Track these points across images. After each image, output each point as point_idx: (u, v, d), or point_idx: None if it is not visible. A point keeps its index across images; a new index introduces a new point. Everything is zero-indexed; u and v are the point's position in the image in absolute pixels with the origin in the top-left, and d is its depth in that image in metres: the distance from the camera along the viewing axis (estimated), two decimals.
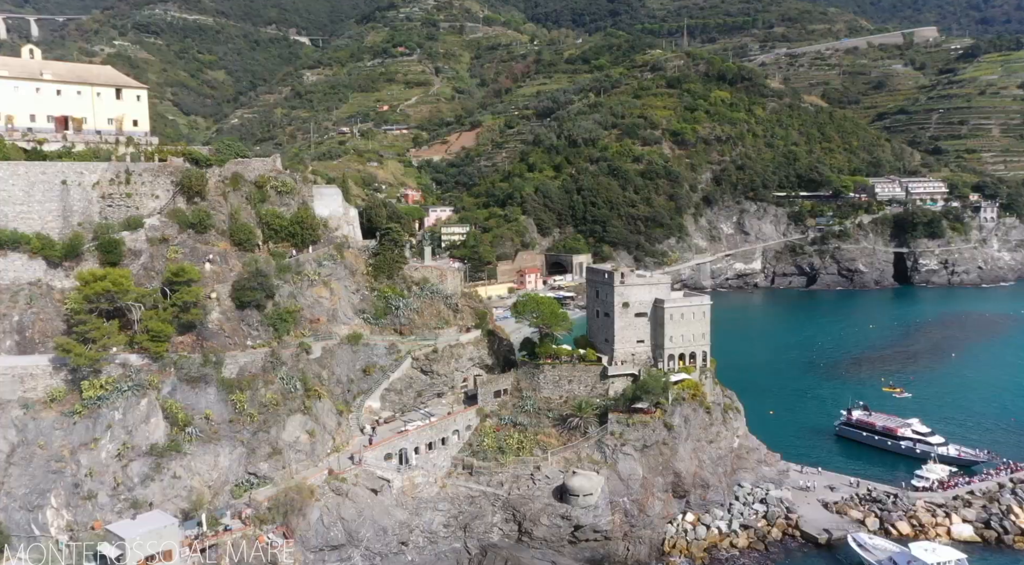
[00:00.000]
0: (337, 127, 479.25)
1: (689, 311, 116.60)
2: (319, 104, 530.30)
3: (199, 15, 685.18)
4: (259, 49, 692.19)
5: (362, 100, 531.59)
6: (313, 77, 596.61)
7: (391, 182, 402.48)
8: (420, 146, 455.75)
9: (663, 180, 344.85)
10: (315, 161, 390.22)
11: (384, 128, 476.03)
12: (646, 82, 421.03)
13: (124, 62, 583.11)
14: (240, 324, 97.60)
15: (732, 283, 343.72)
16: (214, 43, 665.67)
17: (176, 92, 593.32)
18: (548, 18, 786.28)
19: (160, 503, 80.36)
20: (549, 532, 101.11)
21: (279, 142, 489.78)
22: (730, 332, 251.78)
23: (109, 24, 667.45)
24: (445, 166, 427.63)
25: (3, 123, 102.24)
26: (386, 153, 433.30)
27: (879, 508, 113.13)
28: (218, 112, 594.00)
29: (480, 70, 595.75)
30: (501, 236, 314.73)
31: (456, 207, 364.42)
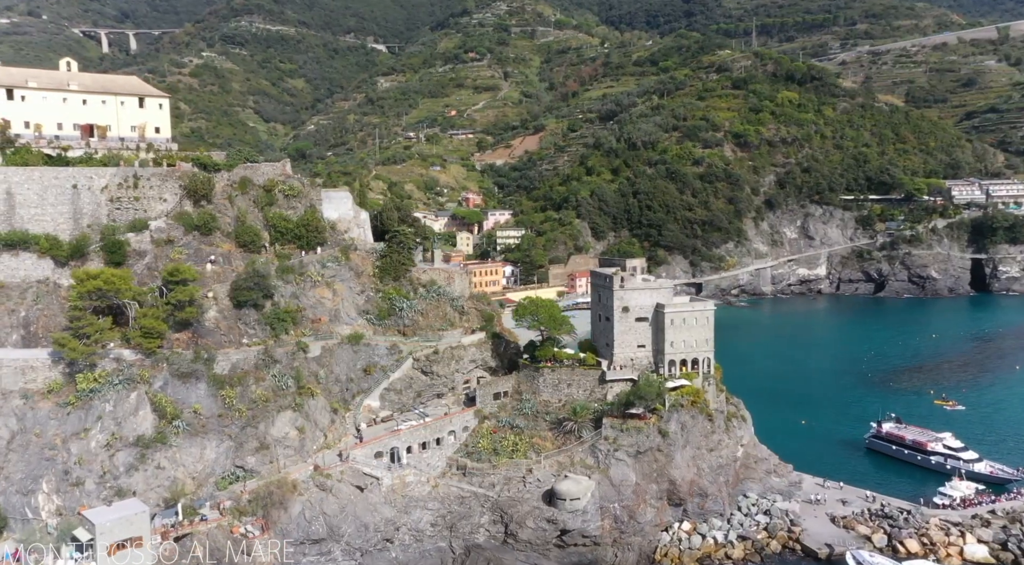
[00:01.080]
0: (405, 132, 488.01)
1: (691, 317, 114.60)
2: (390, 110, 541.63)
3: (282, 26, 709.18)
4: (337, 57, 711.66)
5: (431, 105, 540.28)
6: (386, 83, 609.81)
7: (453, 186, 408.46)
8: (484, 150, 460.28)
9: (723, 183, 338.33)
10: (379, 166, 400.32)
11: (450, 133, 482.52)
12: (711, 83, 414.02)
13: (211, 72, 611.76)
14: (237, 323, 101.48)
15: (795, 289, 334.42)
16: (295, 52, 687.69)
17: (257, 100, 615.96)
18: (622, 20, 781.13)
19: (143, 492, 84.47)
20: (534, 535, 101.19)
21: (350, 147, 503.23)
22: (781, 339, 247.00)
23: (199, 37, 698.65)
24: (507, 170, 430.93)
25: (32, 131, 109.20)
26: (450, 157, 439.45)
27: (889, 524, 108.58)
28: (296, 119, 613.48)
29: (549, 74, 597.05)
30: (554, 240, 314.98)
31: (515, 210, 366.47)
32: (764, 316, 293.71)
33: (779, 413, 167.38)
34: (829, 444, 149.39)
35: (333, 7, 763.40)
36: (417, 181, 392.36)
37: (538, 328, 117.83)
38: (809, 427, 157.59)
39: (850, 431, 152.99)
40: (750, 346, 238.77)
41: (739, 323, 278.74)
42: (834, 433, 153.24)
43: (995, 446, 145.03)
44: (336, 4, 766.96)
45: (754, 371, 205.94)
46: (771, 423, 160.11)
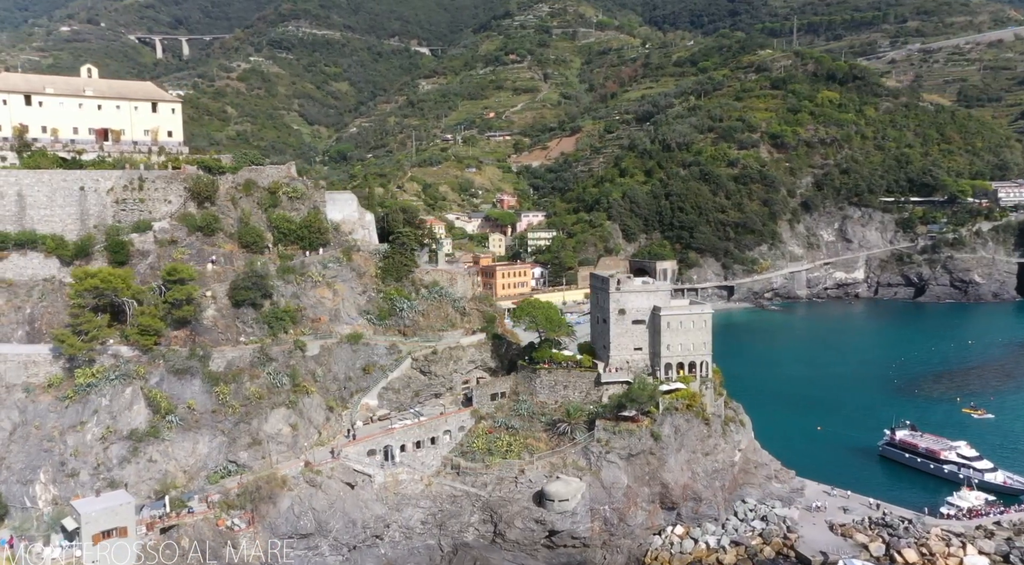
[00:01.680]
0: (443, 134, 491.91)
1: (688, 320, 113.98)
2: (429, 112, 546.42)
3: (328, 30, 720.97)
4: (381, 60, 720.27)
5: (470, 107, 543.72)
6: (427, 86, 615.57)
7: (488, 187, 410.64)
8: (521, 152, 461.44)
9: (757, 185, 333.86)
10: (415, 167, 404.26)
11: (487, 134, 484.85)
12: (749, 84, 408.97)
13: (257, 76, 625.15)
14: (235, 321, 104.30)
15: (831, 293, 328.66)
16: (340, 56, 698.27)
17: (302, 103, 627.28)
18: (666, 20, 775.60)
19: (134, 484, 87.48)
20: (522, 535, 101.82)
21: (390, 149, 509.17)
22: (810, 344, 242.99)
23: (248, 42, 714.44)
24: (543, 172, 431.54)
25: (49, 136, 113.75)
26: (486, 159, 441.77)
27: (889, 533, 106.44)
28: (339, 121, 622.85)
29: (589, 75, 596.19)
30: (583, 241, 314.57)
31: (548, 212, 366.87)
32: (796, 320, 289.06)
33: (796, 418, 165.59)
34: (843, 451, 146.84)
35: (378, 11, 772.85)
36: (452, 183, 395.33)
37: (535, 329, 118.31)
38: (825, 433, 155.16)
39: (865, 438, 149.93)
40: (778, 350, 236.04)
41: (770, 327, 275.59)
42: (849, 440, 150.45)
43: (1021, 456, 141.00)
44: (381, 8, 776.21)
45: (778, 375, 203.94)
46: (786, 428, 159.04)
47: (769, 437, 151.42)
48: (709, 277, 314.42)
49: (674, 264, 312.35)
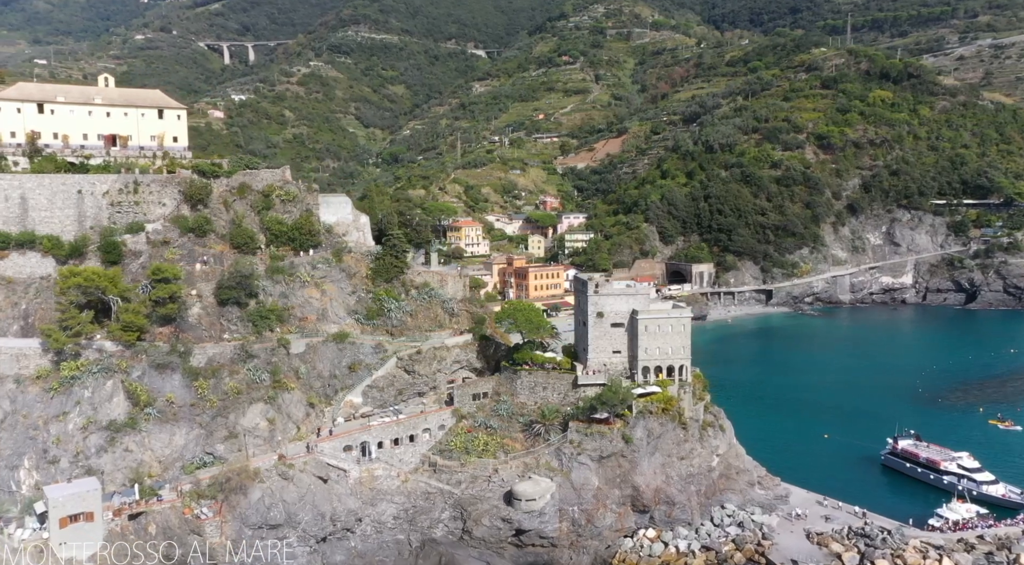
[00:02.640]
0: (492, 136, 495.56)
1: (666, 323, 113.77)
2: (480, 114, 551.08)
3: (386, 34, 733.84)
4: (438, 63, 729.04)
5: (521, 109, 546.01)
6: (481, 88, 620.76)
7: (531, 189, 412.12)
8: (567, 153, 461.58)
9: (800, 187, 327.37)
10: (458, 169, 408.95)
11: (535, 136, 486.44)
12: (798, 84, 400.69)
13: (316, 81, 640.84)
14: (219, 319, 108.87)
15: (876, 298, 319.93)
16: (397, 59, 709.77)
17: (359, 106, 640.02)
18: (724, 19, 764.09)
19: (110, 472, 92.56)
20: (488, 533, 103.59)
21: (440, 152, 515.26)
22: (842, 350, 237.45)
23: (309, 47, 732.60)
24: (588, 173, 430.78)
25: (60, 142, 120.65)
26: (532, 161, 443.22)
27: (866, 543, 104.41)
28: (394, 124, 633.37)
29: (642, 76, 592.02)
30: (619, 244, 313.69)
31: (589, 214, 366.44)
32: (835, 326, 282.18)
33: (805, 425, 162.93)
34: (846, 459, 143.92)
35: (436, 15, 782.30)
36: (495, 184, 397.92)
37: (516, 331, 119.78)
38: (831, 441, 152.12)
39: (872, 447, 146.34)
40: (807, 356, 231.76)
41: (806, 332, 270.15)
42: (854, 448, 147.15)
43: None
44: (438, 12, 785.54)
45: (800, 382, 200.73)
46: (792, 435, 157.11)
47: (772, 443, 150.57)
48: (747, 280, 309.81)
49: (711, 267, 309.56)
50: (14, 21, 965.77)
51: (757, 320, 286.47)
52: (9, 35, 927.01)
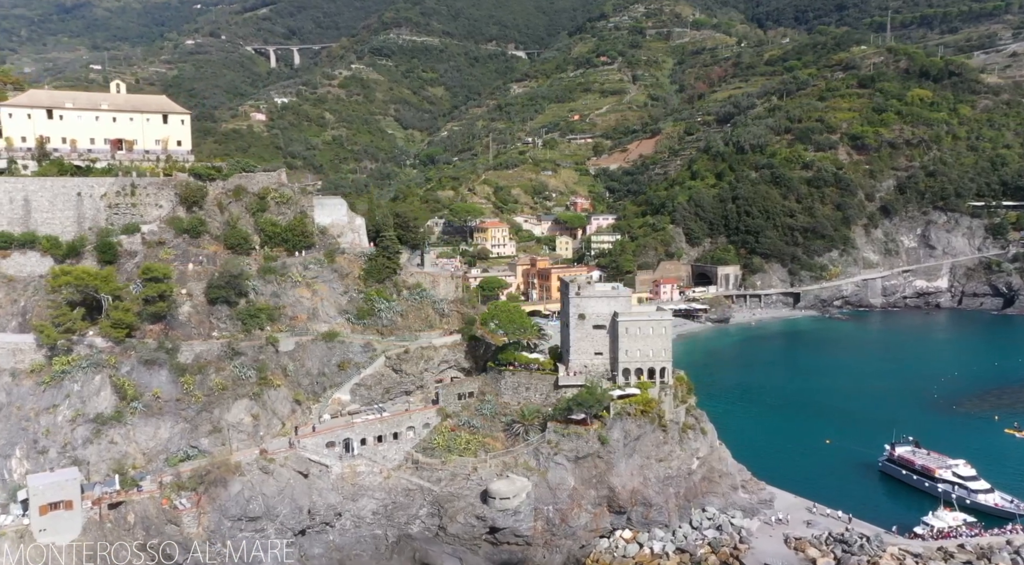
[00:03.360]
0: (525, 137, 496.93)
1: (648, 326, 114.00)
2: (516, 115, 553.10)
3: (427, 37, 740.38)
4: (478, 65, 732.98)
5: (557, 110, 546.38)
6: (519, 89, 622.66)
7: (562, 190, 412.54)
8: (600, 154, 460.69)
9: (832, 188, 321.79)
10: (489, 171, 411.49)
11: (569, 137, 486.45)
12: (835, 83, 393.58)
13: (357, 83, 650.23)
14: (209, 317, 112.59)
15: (910, 302, 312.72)
16: (437, 61, 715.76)
17: (398, 108, 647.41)
18: (769, 17, 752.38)
19: (95, 463, 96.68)
20: (462, 529, 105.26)
21: (475, 153, 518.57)
22: (865, 354, 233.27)
23: (352, 50, 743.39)
24: (620, 174, 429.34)
25: (68, 146, 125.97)
26: (564, 162, 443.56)
27: (843, 549, 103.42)
28: (433, 125, 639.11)
29: (680, 76, 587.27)
30: (644, 245, 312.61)
31: (619, 215, 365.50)
32: (863, 330, 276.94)
33: (810, 430, 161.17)
34: (845, 465, 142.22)
35: (477, 17, 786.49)
36: (526, 185, 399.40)
37: (499, 331, 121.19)
38: (833, 446, 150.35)
39: (873, 453, 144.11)
40: (827, 359, 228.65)
41: (832, 336, 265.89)
42: (855, 455, 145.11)
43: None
44: (480, 14, 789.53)
45: (812, 385, 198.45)
46: (795, 440, 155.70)
47: (772, 447, 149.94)
48: (774, 283, 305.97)
49: (737, 269, 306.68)
50: (75, 28, 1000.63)
51: (783, 323, 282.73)
52: (70, 41, 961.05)
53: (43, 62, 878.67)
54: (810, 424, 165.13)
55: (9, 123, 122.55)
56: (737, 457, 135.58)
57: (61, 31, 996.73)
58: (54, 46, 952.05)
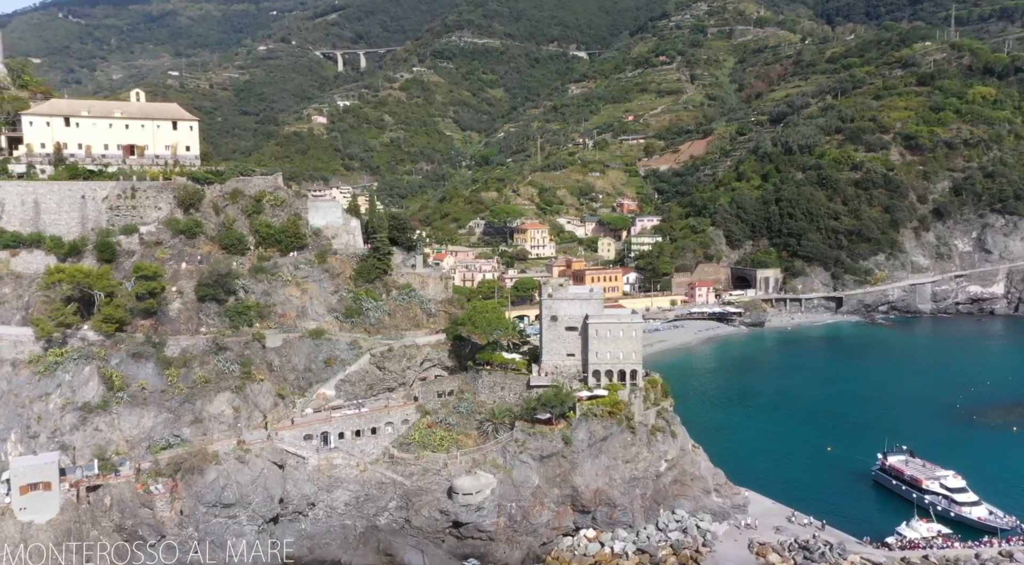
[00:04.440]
0: (577, 138, 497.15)
1: (617, 329, 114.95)
2: (570, 117, 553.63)
3: (488, 39, 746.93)
4: (538, 66, 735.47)
5: (613, 110, 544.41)
6: (576, 90, 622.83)
7: (609, 191, 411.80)
8: (651, 155, 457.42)
9: (880, 190, 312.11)
10: (536, 172, 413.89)
11: (620, 138, 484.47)
12: (892, 81, 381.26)
13: (417, 86, 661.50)
14: (198, 314, 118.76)
15: (962, 308, 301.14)
16: (497, 63, 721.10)
17: (457, 110, 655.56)
18: (839, 12, 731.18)
19: (80, 448, 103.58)
20: (426, 523, 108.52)
21: (529, 154, 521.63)
22: (900, 360, 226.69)
23: (414, 53, 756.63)
24: (670, 175, 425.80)
25: (83, 152, 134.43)
26: (613, 163, 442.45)
27: (804, 556, 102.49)
28: (490, 127, 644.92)
29: (741, 75, 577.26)
30: (682, 247, 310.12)
31: (664, 217, 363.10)
32: (904, 336, 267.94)
33: (813, 436, 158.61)
34: (841, 473, 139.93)
35: (539, 18, 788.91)
36: (572, 187, 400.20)
37: (474, 332, 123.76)
38: (833, 454, 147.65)
39: (870, 462, 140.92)
40: (853, 366, 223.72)
41: (872, 342, 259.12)
42: (854, 463, 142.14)
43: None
44: (542, 15, 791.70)
45: (832, 392, 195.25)
46: (795, 446, 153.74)
47: (770, 453, 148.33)
48: (816, 287, 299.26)
49: (777, 273, 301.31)
50: (160, 36, 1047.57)
51: (822, 328, 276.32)
52: (155, 49, 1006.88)
53: (129, 69, 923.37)
54: (816, 431, 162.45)
55: (30, 130, 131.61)
56: (733, 461, 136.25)
57: (147, 39, 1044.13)
58: (140, 54, 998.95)
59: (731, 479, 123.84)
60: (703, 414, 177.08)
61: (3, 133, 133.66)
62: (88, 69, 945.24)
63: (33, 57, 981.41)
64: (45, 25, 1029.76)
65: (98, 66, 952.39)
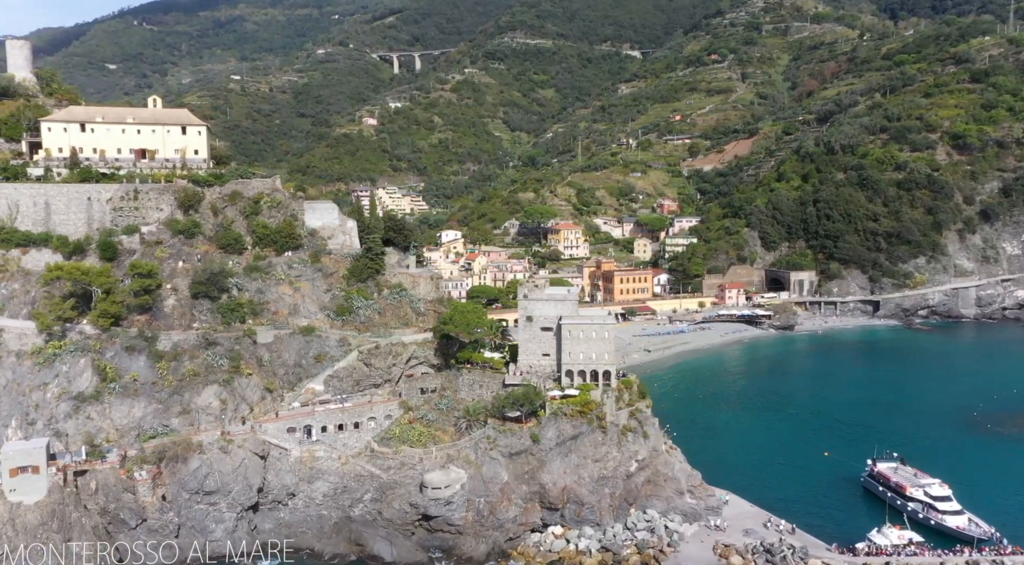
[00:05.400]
0: (622, 139, 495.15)
1: (590, 330, 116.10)
2: (617, 117, 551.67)
3: (541, 39, 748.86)
4: (591, 66, 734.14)
5: (660, 110, 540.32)
6: (626, 90, 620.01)
7: (650, 192, 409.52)
8: (695, 155, 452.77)
9: (924, 191, 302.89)
10: (575, 173, 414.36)
11: (665, 138, 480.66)
12: (944, 78, 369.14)
13: (468, 87, 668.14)
14: (191, 310, 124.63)
15: (1009, 313, 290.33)
16: (549, 63, 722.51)
17: (507, 111, 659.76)
18: (903, 6, 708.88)
19: (72, 435, 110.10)
20: (396, 515, 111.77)
21: (574, 154, 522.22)
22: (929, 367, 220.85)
23: (467, 54, 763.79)
24: (713, 176, 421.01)
25: (97, 156, 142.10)
26: (656, 163, 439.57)
27: (767, 560, 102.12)
28: (540, 127, 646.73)
29: (795, 73, 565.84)
30: (715, 249, 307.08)
31: (703, 218, 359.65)
32: (942, 342, 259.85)
33: (814, 441, 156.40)
34: (834, 478, 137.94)
35: (592, 18, 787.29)
36: (611, 187, 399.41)
37: (453, 331, 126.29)
38: (830, 459, 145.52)
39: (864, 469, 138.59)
40: (877, 371, 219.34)
41: (906, 347, 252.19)
42: (849, 469, 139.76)
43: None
44: (595, 15, 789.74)
45: (850, 397, 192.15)
46: (793, 450, 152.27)
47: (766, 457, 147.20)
48: (852, 290, 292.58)
49: (812, 275, 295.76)
50: (227, 41, 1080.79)
51: (855, 332, 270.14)
52: (222, 54, 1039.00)
53: (197, 74, 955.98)
54: (818, 435, 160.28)
55: (49, 136, 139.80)
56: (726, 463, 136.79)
57: (215, 44, 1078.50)
58: (208, 58, 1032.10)
59: (719, 482, 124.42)
60: (707, 415, 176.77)
61: (26, 139, 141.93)
62: (160, 74, 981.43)
63: (109, 63, 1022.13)
64: (121, 32, 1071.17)
65: (169, 71, 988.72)
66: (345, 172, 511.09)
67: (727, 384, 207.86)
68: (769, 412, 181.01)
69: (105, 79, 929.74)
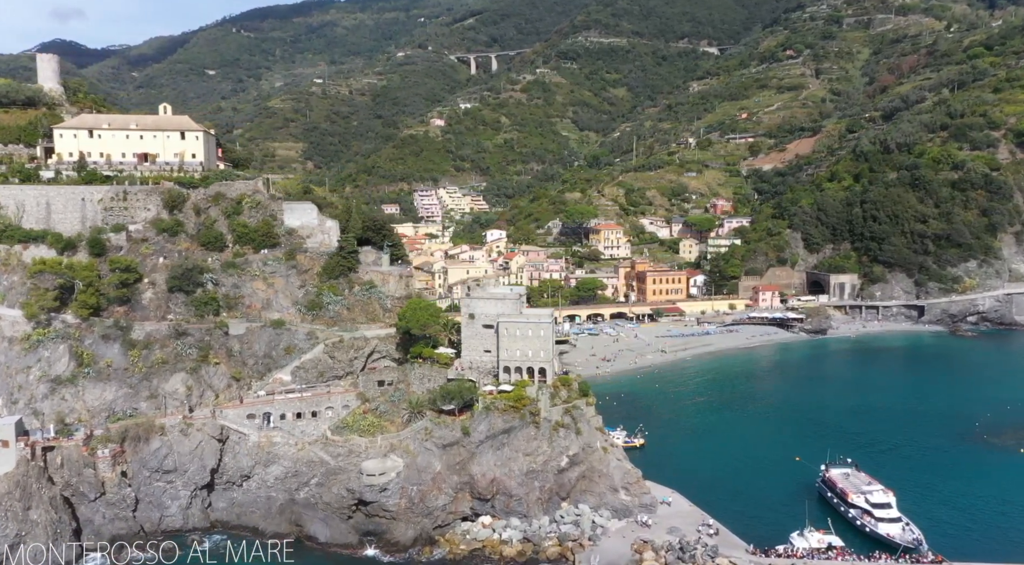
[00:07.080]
0: (683, 138, 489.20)
1: (527, 328, 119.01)
2: (683, 115, 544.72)
3: (615, 38, 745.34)
4: (665, 64, 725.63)
5: (728, 108, 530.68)
6: (698, 87, 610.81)
7: (703, 192, 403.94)
8: (756, 154, 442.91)
9: (979, 191, 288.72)
10: (627, 173, 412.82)
11: (727, 137, 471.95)
12: (1017, 71, 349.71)
13: (538, 87, 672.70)
14: (167, 303, 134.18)
15: None
16: (622, 62, 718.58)
17: (576, 110, 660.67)
18: None
19: (48, 414, 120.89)
20: (334, 499, 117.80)
21: (637, 153, 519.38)
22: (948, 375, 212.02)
23: (541, 54, 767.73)
24: (772, 175, 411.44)
25: (103, 160, 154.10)
26: (715, 163, 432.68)
27: (676, 556, 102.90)
28: (608, 127, 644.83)
29: (874, 67, 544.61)
30: (754, 251, 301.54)
31: (754, 219, 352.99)
32: (987, 350, 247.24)
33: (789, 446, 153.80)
34: (794, 484, 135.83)
35: (669, 15, 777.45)
36: (664, 187, 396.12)
37: (406, 327, 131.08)
38: (798, 464, 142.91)
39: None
40: (896, 379, 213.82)
41: (941, 354, 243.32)
42: (811, 474, 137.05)
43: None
44: (672, 11, 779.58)
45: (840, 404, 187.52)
46: (766, 454, 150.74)
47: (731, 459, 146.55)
48: (896, 294, 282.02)
49: (854, 278, 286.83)
50: (318, 46, 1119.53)
51: (893, 338, 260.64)
52: (313, 58, 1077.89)
53: (288, 77, 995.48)
54: (797, 440, 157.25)
55: (60, 142, 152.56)
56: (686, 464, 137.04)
57: (307, 49, 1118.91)
58: (300, 63, 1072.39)
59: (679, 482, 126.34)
60: (696, 416, 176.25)
61: (41, 144, 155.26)
62: (254, 78, 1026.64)
63: (208, 69, 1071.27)
64: (220, 40, 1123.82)
65: (263, 75, 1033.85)
66: (408, 172, 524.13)
67: (726, 387, 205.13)
68: (752, 415, 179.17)
69: (204, 84, 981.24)
